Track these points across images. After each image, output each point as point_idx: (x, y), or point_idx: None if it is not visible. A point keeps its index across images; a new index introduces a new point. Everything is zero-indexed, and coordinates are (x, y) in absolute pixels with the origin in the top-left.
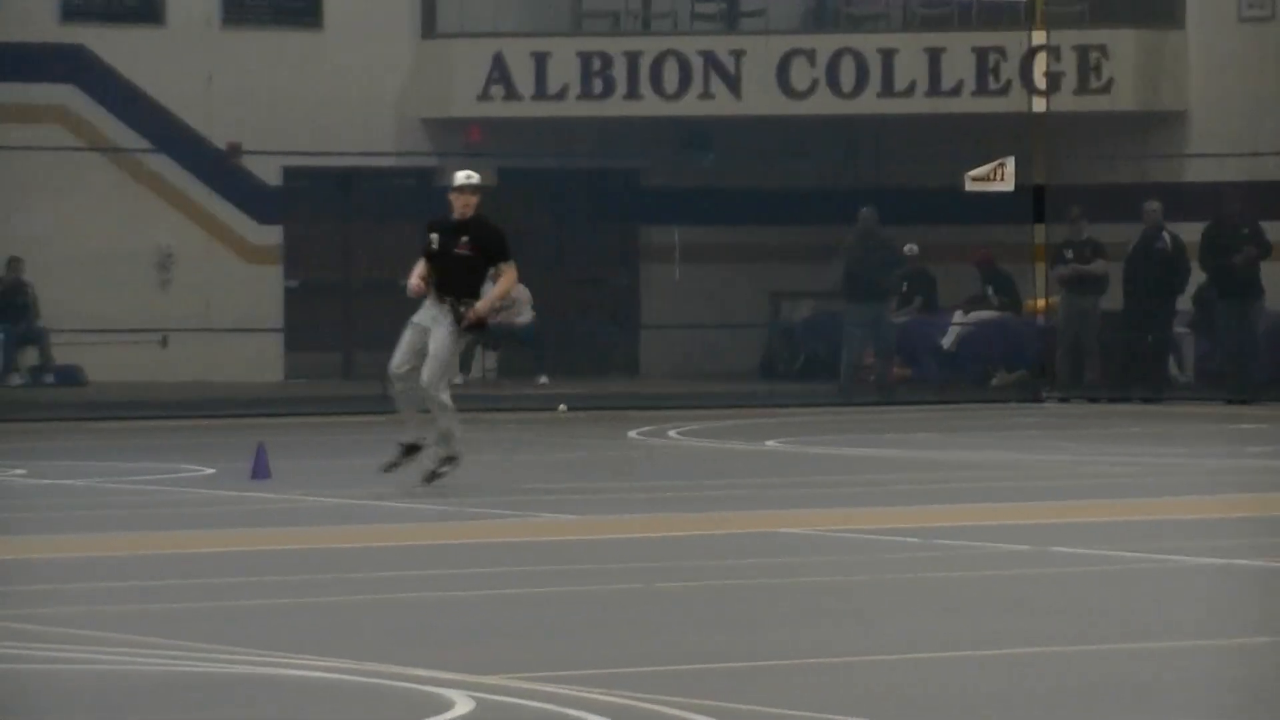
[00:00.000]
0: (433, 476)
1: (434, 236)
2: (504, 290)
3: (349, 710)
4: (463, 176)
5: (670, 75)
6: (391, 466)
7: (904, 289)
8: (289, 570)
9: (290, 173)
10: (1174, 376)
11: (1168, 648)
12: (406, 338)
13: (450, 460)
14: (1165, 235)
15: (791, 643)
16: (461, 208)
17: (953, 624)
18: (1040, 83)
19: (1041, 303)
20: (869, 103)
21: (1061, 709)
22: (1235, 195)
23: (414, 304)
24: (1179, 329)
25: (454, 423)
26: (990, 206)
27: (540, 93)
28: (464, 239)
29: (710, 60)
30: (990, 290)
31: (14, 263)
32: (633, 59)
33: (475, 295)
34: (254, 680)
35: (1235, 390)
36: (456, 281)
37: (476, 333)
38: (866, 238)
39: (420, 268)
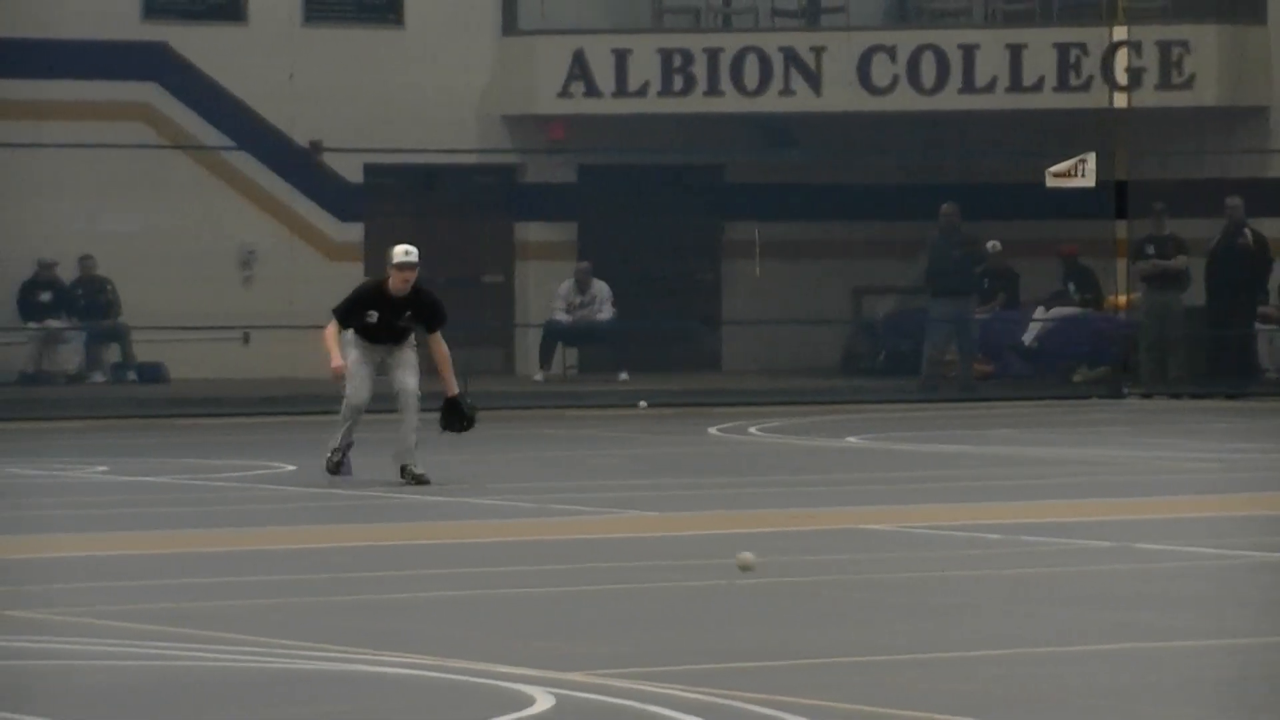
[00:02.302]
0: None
1: (373, 314)
2: (450, 365)
3: (430, 706)
4: (401, 253)
5: (751, 72)
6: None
7: (985, 285)
8: (370, 566)
9: (372, 170)
10: (1265, 371)
11: (1254, 644)
12: (357, 371)
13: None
14: (1247, 231)
15: (873, 639)
16: (402, 284)
17: (1036, 620)
18: (1122, 78)
19: (1124, 299)
20: (950, 99)
21: (1149, 704)
22: None
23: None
24: (1264, 329)
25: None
26: (1072, 202)
27: (621, 89)
28: (407, 314)
29: (791, 57)
30: (1072, 286)
31: (85, 262)
32: (713, 55)
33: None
34: (335, 676)
35: None
36: (391, 341)
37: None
38: (949, 233)
39: (336, 344)
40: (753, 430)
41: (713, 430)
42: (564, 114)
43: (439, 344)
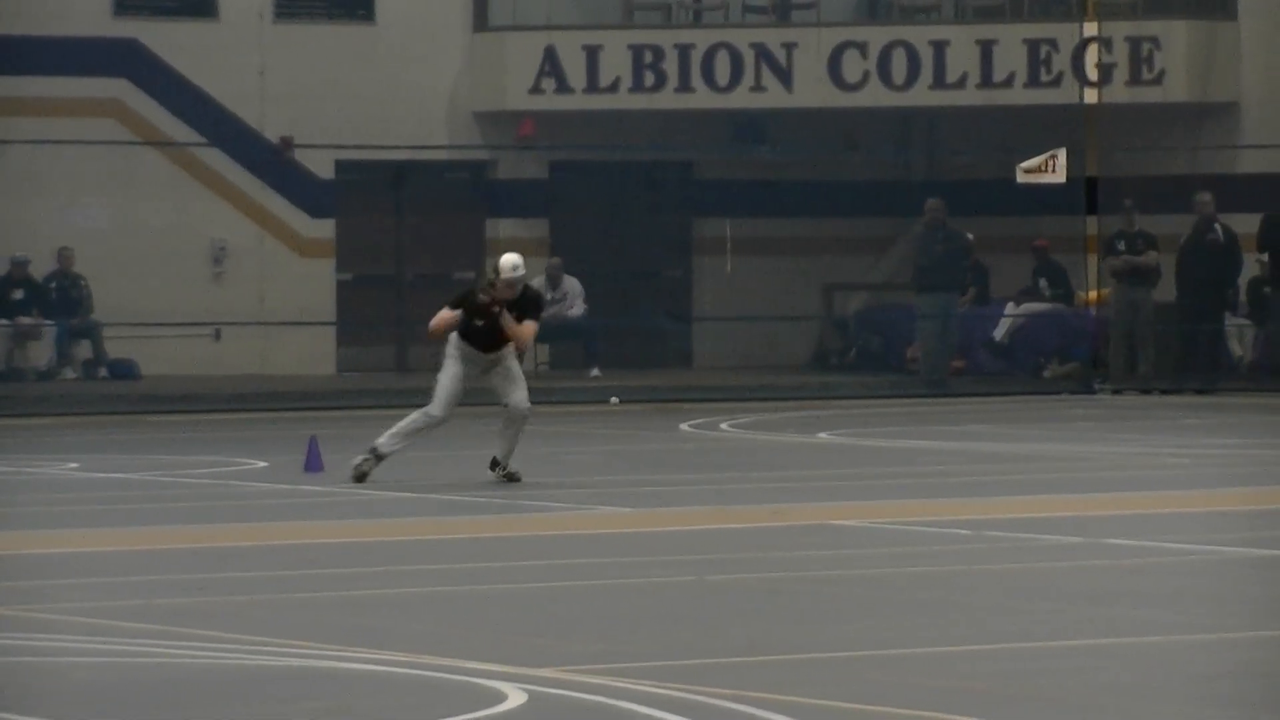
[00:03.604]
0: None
1: (479, 322)
2: (522, 336)
3: (403, 702)
4: (509, 267)
5: (722, 68)
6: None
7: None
8: (342, 563)
9: (343, 166)
10: (1239, 357)
11: (1226, 639)
12: (452, 389)
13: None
14: (1217, 227)
15: (845, 635)
16: (511, 295)
17: (1007, 617)
18: (1092, 74)
19: (1094, 294)
20: (921, 95)
21: (1120, 702)
22: None
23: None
24: (1233, 322)
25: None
26: (1042, 198)
27: (592, 86)
28: (513, 314)
29: (762, 53)
30: (1043, 282)
31: (64, 253)
32: (684, 51)
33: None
34: (309, 673)
35: None
36: (493, 349)
37: (483, 314)
38: (934, 229)
39: (448, 316)
40: (724, 426)
41: (684, 426)
42: (535, 110)
43: (526, 325)
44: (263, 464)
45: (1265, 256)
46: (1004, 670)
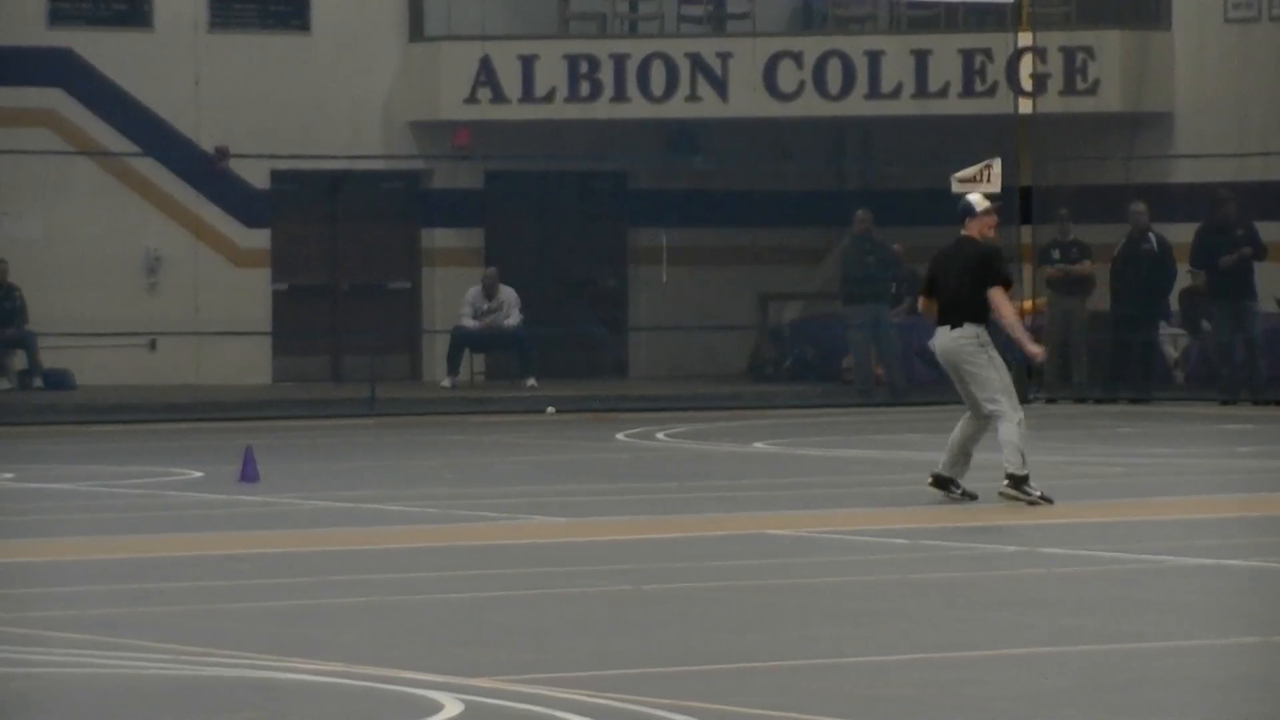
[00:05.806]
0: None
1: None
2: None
3: (339, 713)
4: (980, 199)
5: (657, 77)
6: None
7: (892, 290)
8: (277, 574)
9: (278, 176)
10: (1175, 362)
11: (1157, 648)
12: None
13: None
14: (1151, 236)
15: (781, 644)
16: (994, 233)
17: (941, 625)
18: (1026, 84)
19: (1029, 304)
20: (856, 105)
21: (1051, 709)
22: (1231, 196)
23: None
24: (1167, 331)
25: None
26: None
27: (527, 95)
28: None
29: (697, 62)
30: None
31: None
32: (619, 61)
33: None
34: (244, 683)
35: (1226, 391)
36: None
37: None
38: (862, 240)
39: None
40: (660, 436)
41: (620, 436)
42: (470, 120)
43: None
44: (198, 474)
45: (1202, 273)
46: (938, 679)
